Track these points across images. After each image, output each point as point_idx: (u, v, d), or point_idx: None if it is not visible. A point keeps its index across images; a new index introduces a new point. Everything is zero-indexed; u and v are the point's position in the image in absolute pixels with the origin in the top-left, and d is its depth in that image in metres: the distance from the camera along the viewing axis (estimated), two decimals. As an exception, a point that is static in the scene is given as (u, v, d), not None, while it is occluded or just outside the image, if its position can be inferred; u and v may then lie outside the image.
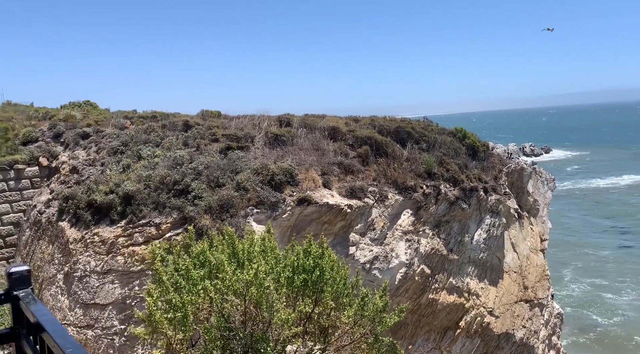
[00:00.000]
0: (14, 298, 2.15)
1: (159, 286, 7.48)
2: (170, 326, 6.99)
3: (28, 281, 2.19)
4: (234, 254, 8.06)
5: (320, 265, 7.78)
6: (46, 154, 22.43)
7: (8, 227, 20.71)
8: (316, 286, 7.78)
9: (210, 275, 7.64)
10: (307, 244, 8.09)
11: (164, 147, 20.16)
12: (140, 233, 15.66)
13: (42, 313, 1.93)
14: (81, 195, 17.47)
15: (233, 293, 7.07)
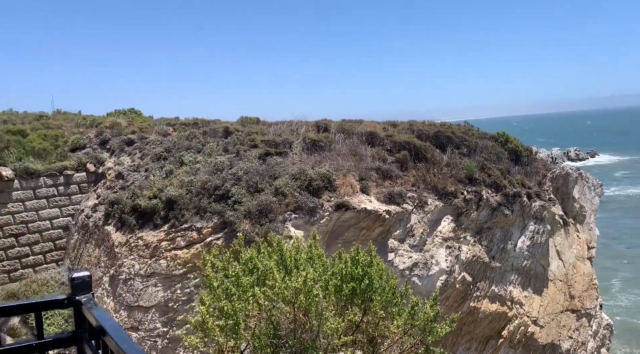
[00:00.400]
0: (77, 303, 2.22)
1: (210, 292, 7.56)
2: (222, 334, 7.02)
3: (89, 287, 2.27)
4: (281, 261, 8.08)
5: (369, 274, 7.69)
6: (93, 160, 23.30)
7: (58, 231, 21.58)
8: (365, 295, 7.66)
9: (259, 281, 7.67)
10: (354, 252, 8.01)
11: (205, 153, 20.60)
12: (182, 237, 16.00)
13: (104, 318, 1.99)
14: (126, 200, 18.05)
15: (282, 300, 7.09)
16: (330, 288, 7.67)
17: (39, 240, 21.03)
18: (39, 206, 21.30)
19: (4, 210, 20.32)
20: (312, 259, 8.37)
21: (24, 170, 21.04)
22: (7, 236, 20.20)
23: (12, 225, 20.45)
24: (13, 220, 20.51)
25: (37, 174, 21.35)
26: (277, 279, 7.16)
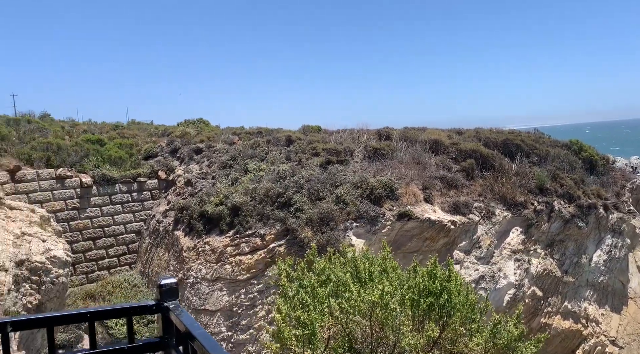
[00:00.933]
0: (164, 309, 2.29)
1: (285, 302, 7.64)
2: (298, 344, 7.05)
3: (176, 293, 2.34)
4: (356, 272, 8.01)
5: (448, 289, 7.46)
6: (164, 168, 24.43)
7: (131, 235, 22.76)
8: (443, 311, 7.41)
9: (333, 292, 7.63)
10: (432, 266, 7.81)
11: (268, 161, 21.04)
12: (247, 243, 16.37)
13: (193, 324, 2.04)
14: (194, 206, 18.74)
15: (358, 313, 6.98)
16: (407, 302, 7.47)
17: (114, 244, 22.26)
18: (115, 211, 22.56)
19: (83, 215, 21.71)
20: (386, 271, 8.22)
21: (101, 177, 22.40)
22: (85, 239, 21.55)
23: (90, 228, 21.79)
24: (91, 224, 21.85)
25: (113, 181, 22.65)
26: (354, 291, 7.09)
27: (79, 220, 21.52)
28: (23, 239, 11.64)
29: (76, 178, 21.90)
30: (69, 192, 21.62)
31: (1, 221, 12.07)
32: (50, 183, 21.32)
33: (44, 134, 25.44)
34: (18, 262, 10.78)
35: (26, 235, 11.97)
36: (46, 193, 21.08)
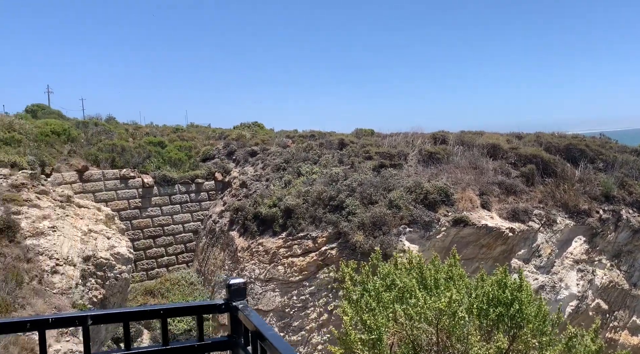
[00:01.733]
0: (233, 309, 2.35)
1: (349, 305, 7.65)
2: (364, 347, 7.03)
3: (244, 293, 2.39)
4: (421, 278, 7.90)
5: (519, 299, 7.20)
6: (221, 170, 25.12)
7: (189, 234, 23.54)
8: (513, 321, 7.13)
9: (398, 298, 7.55)
10: (501, 274, 7.57)
11: (321, 164, 21.17)
12: (299, 245, 16.53)
13: (262, 323, 2.08)
14: (249, 207, 19.15)
15: (424, 320, 6.88)
16: (475, 311, 7.27)
17: (173, 242, 23.09)
18: (174, 211, 23.41)
19: (144, 214, 22.67)
20: (452, 279, 8.03)
21: (162, 178, 23.32)
22: (146, 237, 22.49)
23: (151, 227, 22.72)
24: (152, 222, 22.78)
25: (172, 182, 23.53)
26: (420, 298, 6.98)
27: (140, 219, 22.49)
28: (90, 236, 12.30)
29: (138, 179, 22.92)
30: (132, 192, 22.65)
31: (70, 219, 12.81)
32: (114, 183, 22.42)
33: (109, 136, 26.81)
34: (85, 258, 11.40)
35: (92, 232, 12.64)
36: (111, 193, 22.18)
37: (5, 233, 10.49)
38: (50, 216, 12.12)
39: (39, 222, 11.63)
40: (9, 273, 9.21)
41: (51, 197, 13.72)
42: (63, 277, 10.12)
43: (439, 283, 7.70)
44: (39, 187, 13.93)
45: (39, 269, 10.05)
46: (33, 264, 10.12)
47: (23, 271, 9.57)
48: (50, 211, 12.44)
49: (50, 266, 10.21)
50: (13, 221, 10.95)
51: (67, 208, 13.60)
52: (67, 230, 11.88)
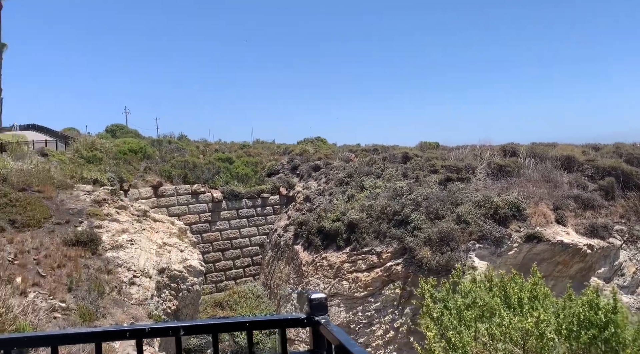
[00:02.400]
0: (316, 323, 2.39)
1: (431, 322, 7.50)
2: None
3: (325, 308, 2.43)
4: (505, 297, 7.63)
5: (615, 321, 6.76)
6: (285, 184, 25.61)
7: (255, 248, 24.10)
8: (608, 345, 6.63)
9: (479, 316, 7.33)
10: (591, 294, 7.14)
11: (384, 178, 21.02)
12: (363, 260, 16.42)
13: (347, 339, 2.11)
14: (312, 221, 19.33)
15: (509, 340, 6.62)
16: (564, 332, 6.87)
17: (240, 255, 23.72)
18: (241, 224, 24.09)
19: (214, 227, 23.48)
20: (537, 298, 7.66)
21: (230, 193, 24.11)
22: (215, 250, 23.26)
23: (220, 240, 23.48)
24: (220, 236, 23.54)
25: (240, 196, 24.26)
26: (504, 317, 6.71)
27: (210, 232, 23.32)
28: (164, 249, 12.89)
29: (208, 194, 23.83)
30: (202, 206, 23.56)
31: (147, 232, 13.50)
32: (186, 197, 23.43)
33: (181, 153, 28.11)
34: (160, 270, 11.95)
35: (167, 245, 13.25)
36: (183, 207, 23.19)
37: (89, 246, 11.23)
38: (129, 230, 12.85)
39: (118, 235, 12.36)
40: (92, 283, 9.83)
41: (129, 212, 14.55)
42: (140, 288, 10.66)
43: (523, 302, 7.33)
44: (118, 202, 14.82)
45: (118, 280, 10.65)
46: (113, 275, 10.75)
47: (104, 282, 10.18)
48: (129, 225, 13.19)
49: (129, 278, 10.79)
50: (95, 235, 11.71)
51: (144, 222, 14.36)
52: (144, 243, 12.52)
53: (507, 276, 8.42)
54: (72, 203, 13.91)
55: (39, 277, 9.51)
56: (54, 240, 11.21)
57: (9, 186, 13.14)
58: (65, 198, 14.14)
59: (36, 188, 13.88)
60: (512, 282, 8.04)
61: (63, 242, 11.15)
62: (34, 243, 10.72)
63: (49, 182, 14.59)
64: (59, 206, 13.38)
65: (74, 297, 9.28)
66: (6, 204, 12.01)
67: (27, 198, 12.63)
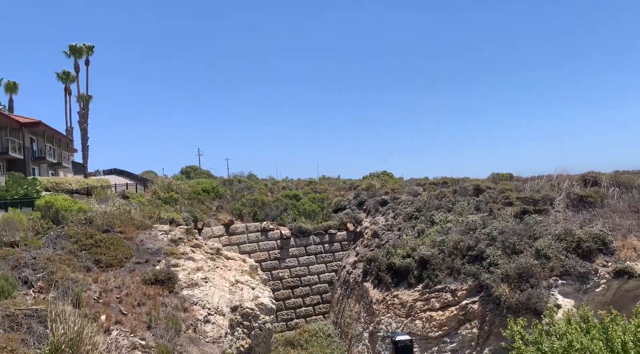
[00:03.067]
0: None
1: None
2: None
3: (410, 350, 2.36)
4: (606, 340, 7.06)
5: None
6: (352, 220, 25.50)
7: (324, 285, 23.97)
8: None
9: None
10: None
11: (455, 212, 20.39)
12: (437, 298, 15.82)
13: None
14: (382, 258, 18.99)
15: None
16: None
17: (309, 293, 23.65)
18: (309, 261, 24.13)
19: (283, 264, 23.68)
20: None
21: (297, 229, 24.36)
22: (285, 287, 23.36)
23: (289, 277, 23.59)
24: (289, 273, 23.67)
25: (307, 233, 24.43)
26: None
27: (279, 269, 23.53)
28: (237, 286, 13.12)
29: (277, 231, 24.18)
30: (271, 243, 23.91)
31: (220, 270, 13.83)
32: (256, 235, 23.91)
33: (251, 192, 28.92)
34: (233, 308, 12.13)
35: (239, 282, 13.48)
36: (253, 244, 23.65)
37: (166, 284, 11.66)
38: (203, 268, 13.23)
39: (193, 274, 12.75)
40: (169, 321, 10.13)
41: (203, 250, 15.02)
42: (214, 326, 10.84)
43: (628, 346, 6.70)
44: (193, 241, 15.36)
45: (194, 318, 10.90)
46: (189, 313, 11.03)
47: (181, 320, 10.46)
48: (203, 264, 13.59)
49: (203, 316, 11.02)
50: (172, 273, 12.14)
51: (217, 260, 14.75)
52: (217, 281, 12.82)
53: (607, 317, 7.74)
54: (151, 242, 14.58)
55: (121, 315, 9.94)
56: (134, 278, 11.74)
57: (94, 228, 14.02)
58: (144, 237, 14.86)
59: (118, 229, 14.72)
60: (614, 323, 7.37)
61: (143, 281, 11.64)
62: (117, 282, 11.27)
63: (130, 223, 15.44)
64: (139, 246, 14.08)
65: (152, 335, 9.59)
66: (92, 245, 12.79)
67: (111, 239, 13.40)
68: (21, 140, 32.88)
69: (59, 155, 38.88)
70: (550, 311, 8.00)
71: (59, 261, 10.92)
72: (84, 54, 40.55)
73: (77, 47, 40.06)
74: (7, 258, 10.28)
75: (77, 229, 13.36)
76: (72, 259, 11.54)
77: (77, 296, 9.41)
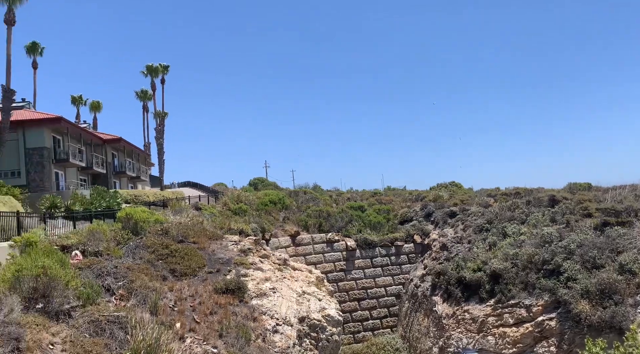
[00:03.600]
0: None
1: None
2: None
3: None
4: None
5: None
6: (419, 232, 25.03)
7: (391, 298, 23.64)
8: None
9: None
10: None
11: (529, 224, 19.51)
12: (510, 314, 15.16)
13: None
14: (451, 271, 18.48)
15: None
16: None
17: (376, 306, 23.42)
18: (375, 274, 23.93)
19: (349, 276, 23.64)
20: None
21: (363, 241, 24.27)
22: (351, 299, 23.29)
23: (355, 290, 23.50)
24: (356, 285, 23.58)
25: (373, 244, 24.27)
26: None
27: (345, 281, 23.51)
28: (304, 297, 13.26)
29: (342, 242, 24.23)
30: (337, 255, 23.97)
31: (287, 281, 14.06)
32: (322, 246, 24.08)
33: (316, 203, 29.22)
34: (300, 318, 12.27)
35: (306, 293, 13.62)
36: (319, 256, 23.83)
37: (236, 294, 12.01)
38: (271, 279, 13.50)
39: (262, 284, 13.04)
40: (239, 330, 10.41)
41: (271, 261, 15.35)
42: (282, 336, 11.01)
43: None
44: (261, 252, 15.74)
45: (263, 328, 11.14)
46: (258, 323, 11.29)
47: (250, 329, 10.72)
48: (271, 274, 13.88)
49: (272, 326, 11.23)
50: (242, 283, 12.49)
51: (284, 270, 15.01)
52: (285, 292, 13.03)
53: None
54: (222, 252, 15.11)
55: (194, 323, 10.35)
56: (206, 287, 12.20)
57: (169, 238, 14.74)
58: (215, 248, 15.42)
59: (192, 239, 15.38)
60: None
61: (214, 290, 12.07)
62: (190, 290, 11.76)
63: (202, 234, 16.08)
64: (210, 255, 14.63)
65: (224, 343, 9.90)
66: (167, 255, 13.45)
67: (185, 249, 14.02)
68: (104, 155, 35.28)
69: (138, 169, 41.29)
70: (633, 332, 7.41)
71: (138, 270, 11.57)
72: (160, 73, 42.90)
73: (153, 67, 42.48)
74: (92, 267, 11.04)
75: (154, 239, 14.09)
76: (150, 268, 12.18)
77: (154, 304, 9.92)
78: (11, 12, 23.38)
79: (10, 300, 7.44)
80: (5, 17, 23.25)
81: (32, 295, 8.25)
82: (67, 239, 12.53)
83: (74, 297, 8.70)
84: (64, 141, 29.32)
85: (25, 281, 8.17)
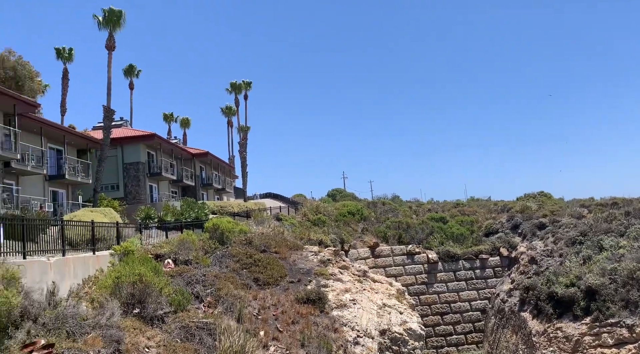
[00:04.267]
0: None
1: None
2: None
3: None
4: None
5: None
6: (505, 245, 23.87)
7: (476, 313, 22.69)
8: None
9: None
10: None
11: (629, 237, 17.98)
12: (609, 333, 14.00)
13: None
14: (541, 286, 17.42)
15: None
16: None
17: (460, 321, 22.58)
18: (459, 287, 23.12)
19: (431, 289, 23.04)
20: None
21: (445, 254, 23.58)
22: (434, 313, 22.64)
23: (438, 303, 22.84)
24: (438, 299, 22.92)
25: (456, 257, 23.49)
26: None
27: (427, 295, 22.92)
28: (384, 310, 13.12)
29: (423, 255, 23.69)
30: (418, 268, 23.47)
31: (367, 293, 13.99)
32: (402, 258, 23.70)
33: (395, 214, 28.87)
34: (381, 331, 12.14)
35: (386, 306, 13.47)
36: (399, 268, 23.46)
37: (317, 304, 12.15)
38: (351, 290, 13.51)
39: (342, 295, 13.09)
40: (321, 341, 10.51)
41: (350, 272, 15.36)
42: (363, 349, 10.96)
43: None
44: (341, 263, 15.81)
45: (344, 339, 11.16)
46: (339, 334, 11.33)
47: (331, 340, 10.79)
48: (351, 285, 13.89)
49: (353, 337, 11.22)
50: (323, 294, 12.62)
51: (364, 282, 14.95)
52: (365, 303, 12.98)
53: None
54: (302, 262, 15.37)
55: (277, 332, 10.60)
56: (288, 297, 12.46)
57: (253, 248, 15.26)
58: (296, 258, 15.73)
59: (274, 249, 15.81)
60: None
61: (296, 299, 12.30)
62: (273, 299, 12.08)
63: (283, 244, 16.48)
64: (291, 265, 14.94)
65: (306, 353, 10.04)
66: (251, 264, 13.92)
67: (267, 259, 14.44)
68: (192, 169, 37.33)
69: (223, 181, 43.20)
70: None
71: (224, 279, 12.09)
72: (243, 90, 44.84)
73: (237, 84, 44.47)
74: (182, 275, 11.70)
75: (239, 249, 14.66)
76: (235, 277, 12.68)
77: (239, 311, 10.30)
78: (112, 38, 25.46)
79: (111, 305, 8.08)
80: (107, 43, 25.35)
81: (129, 301, 8.91)
82: (160, 248, 13.38)
83: (167, 303, 9.27)
84: (157, 156, 31.42)
85: (124, 287, 8.84)
